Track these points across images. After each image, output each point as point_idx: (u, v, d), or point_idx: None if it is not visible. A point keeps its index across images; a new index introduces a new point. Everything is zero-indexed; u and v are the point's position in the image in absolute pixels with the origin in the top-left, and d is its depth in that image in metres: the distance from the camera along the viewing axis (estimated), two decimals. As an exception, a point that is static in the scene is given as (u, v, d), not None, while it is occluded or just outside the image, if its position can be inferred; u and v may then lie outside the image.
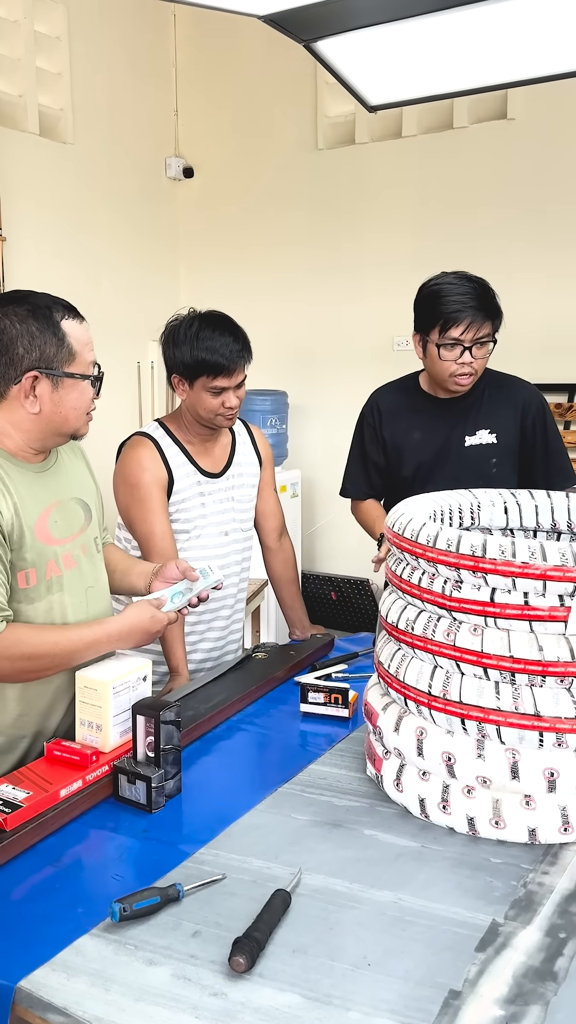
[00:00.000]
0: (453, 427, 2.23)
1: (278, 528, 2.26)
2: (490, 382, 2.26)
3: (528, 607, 1.21)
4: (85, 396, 1.50)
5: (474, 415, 2.22)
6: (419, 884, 1.19)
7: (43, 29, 4.13)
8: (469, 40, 1.75)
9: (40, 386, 1.44)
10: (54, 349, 1.43)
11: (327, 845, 1.28)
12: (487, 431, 2.22)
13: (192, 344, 1.91)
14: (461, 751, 1.27)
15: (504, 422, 2.22)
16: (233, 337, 1.93)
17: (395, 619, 1.37)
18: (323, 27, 1.71)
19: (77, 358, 1.47)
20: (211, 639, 2.11)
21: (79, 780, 1.38)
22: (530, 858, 1.25)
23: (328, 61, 1.87)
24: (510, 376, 2.30)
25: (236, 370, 1.93)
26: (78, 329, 1.48)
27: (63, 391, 1.46)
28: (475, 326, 2.05)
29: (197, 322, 1.94)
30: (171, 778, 1.41)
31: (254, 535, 2.21)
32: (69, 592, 1.53)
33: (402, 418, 2.27)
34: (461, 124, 4.13)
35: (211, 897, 1.16)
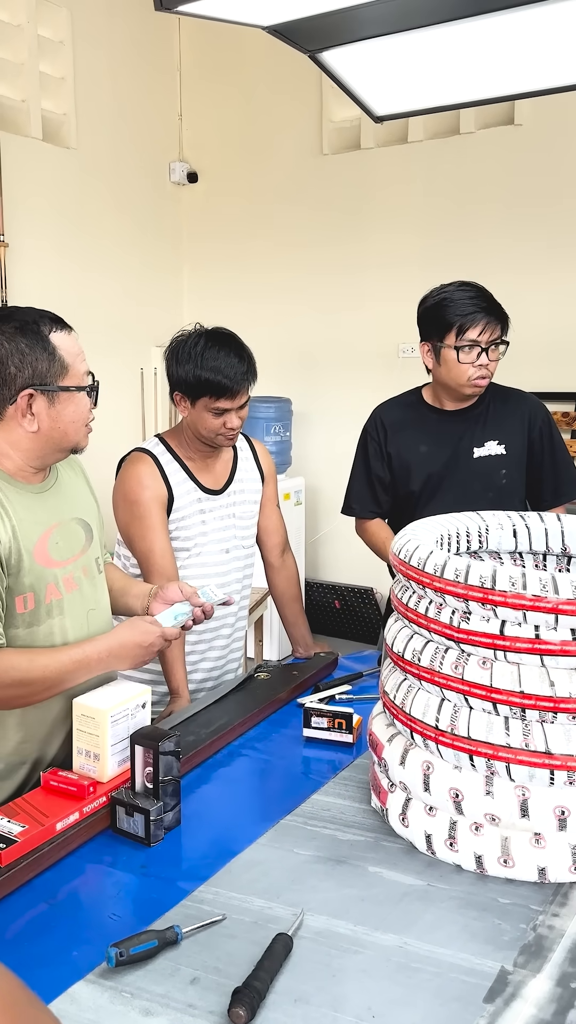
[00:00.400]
0: (461, 439, 2.21)
1: (281, 544, 2.23)
2: (495, 394, 2.25)
3: (539, 641, 1.17)
4: (82, 408, 1.46)
5: (481, 427, 2.21)
6: (425, 926, 1.15)
7: (46, 33, 4.10)
8: (475, 51, 1.72)
9: (36, 403, 1.41)
10: (46, 364, 1.40)
11: (330, 883, 1.25)
12: (495, 442, 2.20)
13: (196, 362, 1.87)
14: (469, 788, 1.24)
15: (512, 433, 2.21)
16: (239, 358, 1.89)
17: (401, 649, 1.33)
18: (328, 38, 1.68)
19: (70, 370, 1.44)
20: (212, 659, 2.07)
21: (76, 812, 1.34)
22: (539, 898, 1.21)
23: (334, 72, 1.84)
24: (513, 389, 2.30)
25: (240, 392, 1.90)
26: (68, 341, 1.45)
27: (60, 406, 1.43)
28: (490, 327, 2.08)
29: (203, 340, 1.90)
30: (170, 810, 1.38)
31: (256, 552, 2.18)
32: (70, 615, 1.49)
33: (408, 432, 2.25)
34: (468, 130, 4.09)
35: (211, 939, 1.13)
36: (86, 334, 4.70)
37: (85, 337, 4.81)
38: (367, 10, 1.55)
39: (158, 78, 4.80)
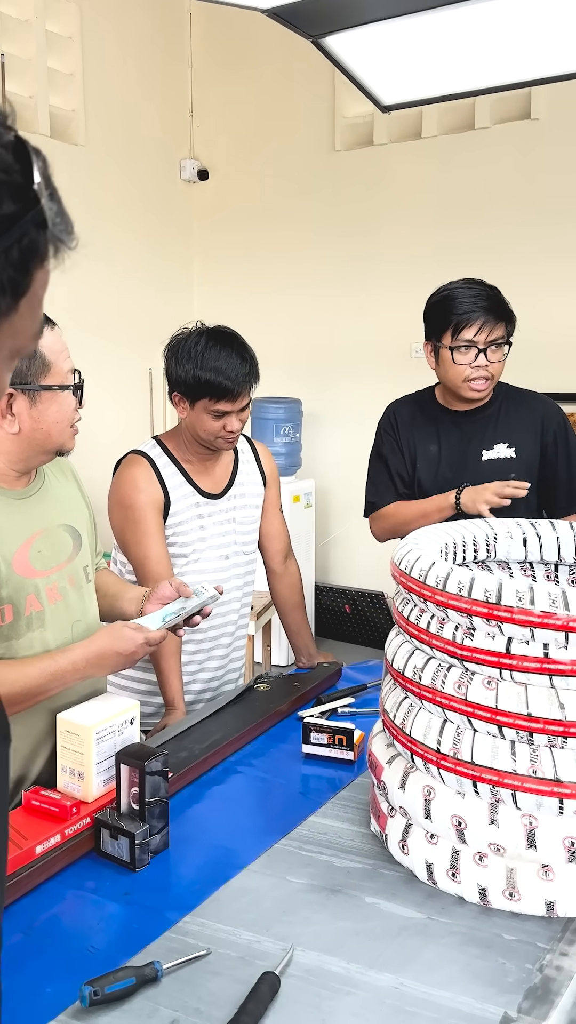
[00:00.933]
0: (470, 440, 2.13)
1: (283, 550, 2.15)
2: (507, 396, 2.17)
3: (548, 660, 1.09)
4: (66, 408, 1.39)
5: (492, 429, 2.13)
6: (423, 965, 1.07)
7: (55, 29, 4.05)
8: (485, 35, 1.63)
9: (17, 403, 1.34)
10: (26, 362, 1.33)
11: (323, 915, 1.17)
12: (505, 445, 2.12)
13: (196, 362, 1.80)
14: (472, 815, 1.16)
15: (523, 436, 2.12)
16: (241, 359, 1.82)
17: (401, 665, 1.25)
18: (331, 21, 1.61)
19: (52, 368, 1.37)
20: (211, 668, 2.00)
21: (57, 835, 1.27)
22: (547, 935, 1.13)
23: (339, 59, 1.76)
24: (527, 390, 2.21)
25: (241, 394, 1.82)
26: (50, 338, 1.38)
27: (42, 405, 1.36)
28: (488, 327, 1.98)
29: (204, 339, 1.83)
30: (157, 833, 1.31)
31: (257, 558, 2.10)
32: (52, 628, 1.42)
33: (419, 430, 2.18)
34: (483, 124, 4.01)
35: (193, 976, 1.05)
36: (94, 334, 4.68)
37: (93, 337, 4.79)
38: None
39: (169, 74, 4.74)
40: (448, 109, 4.08)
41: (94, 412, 4.13)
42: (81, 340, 4.16)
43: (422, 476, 2.15)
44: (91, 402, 4.62)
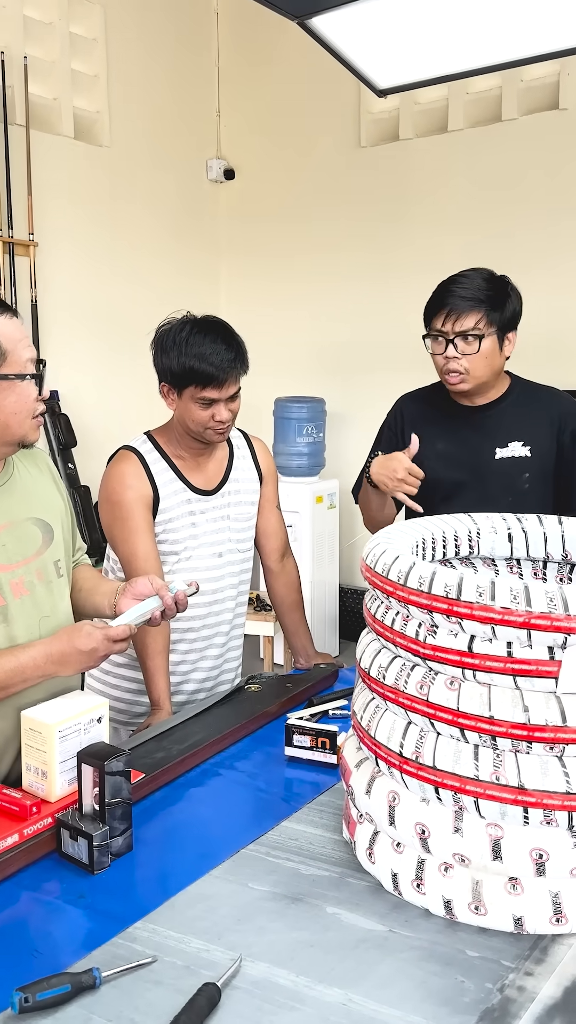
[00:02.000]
0: (482, 439, 2.03)
1: (280, 548, 2.10)
2: (522, 390, 2.07)
3: (512, 659, 1.03)
4: (25, 398, 1.36)
5: (506, 426, 2.03)
6: (377, 980, 1.02)
7: (79, 31, 4.06)
8: (479, 12, 1.57)
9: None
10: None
11: (280, 924, 1.12)
12: (520, 443, 2.02)
13: (181, 350, 1.77)
14: (436, 823, 1.09)
15: (539, 434, 2.02)
16: (226, 345, 1.78)
17: (368, 664, 1.20)
18: (316, 1, 1.56)
19: (9, 357, 1.34)
20: (204, 668, 1.96)
21: (15, 834, 1.24)
22: (514, 952, 1.06)
23: (328, 41, 1.72)
24: (543, 385, 2.10)
25: (227, 381, 1.78)
26: (9, 326, 1.35)
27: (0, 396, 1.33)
28: (454, 316, 1.89)
29: (188, 327, 1.80)
30: (119, 835, 1.27)
31: (252, 556, 2.06)
32: (17, 624, 1.39)
33: (426, 427, 2.08)
34: (510, 116, 3.91)
35: (133, 985, 1.01)
36: (121, 335, 4.68)
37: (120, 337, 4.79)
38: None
39: (195, 74, 4.73)
40: (474, 101, 3.99)
41: (119, 410, 4.16)
42: (108, 340, 4.20)
43: (431, 475, 2.07)
44: (116, 401, 4.66)
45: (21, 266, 3.76)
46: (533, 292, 3.86)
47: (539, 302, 3.84)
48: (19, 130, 3.75)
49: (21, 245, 3.75)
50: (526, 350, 3.99)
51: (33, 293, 3.78)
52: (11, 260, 3.70)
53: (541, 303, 3.85)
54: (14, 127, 3.72)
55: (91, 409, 4.07)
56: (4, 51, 3.69)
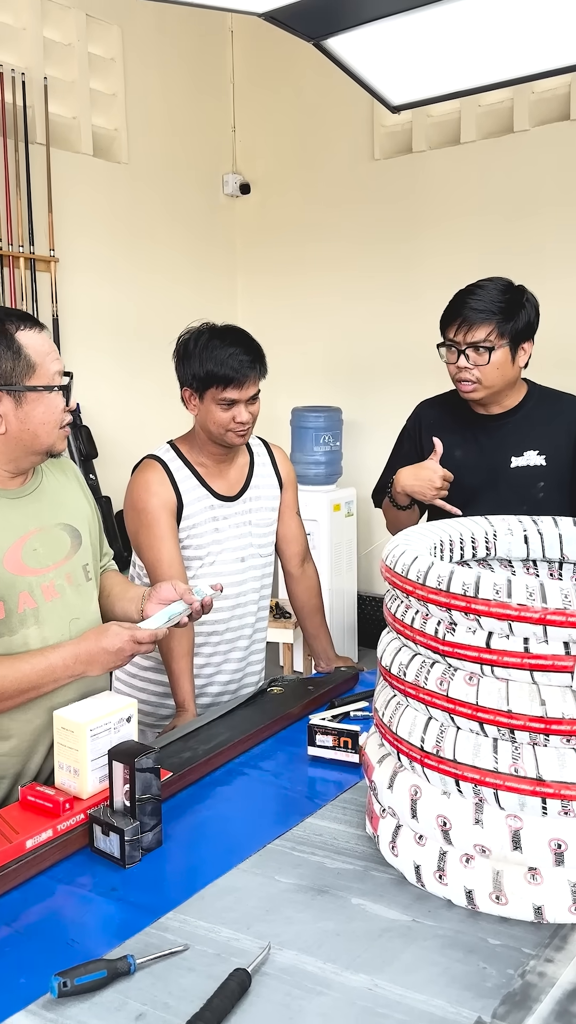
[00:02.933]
0: (498, 447, 2.06)
1: (301, 553, 2.14)
2: (541, 399, 2.09)
3: (528, 655, 1.06)
4: (53, 409, 1.42)
5: (522, 435, 2.05)
6: (401, 967, 1.05)
7: (97, 51, 4.15)
8: (490, 29, 1.62)
9: (3, 404, 1.37)
10: (11, 364, 1.36)
11: (307, 915, 1.16)
12: (536, 452, 2.04)
13: (202, 355, 1.84)
14: (457, 815, 1.13)
15: (555, 443, 2.03)
16: (245, 347, 1.85)
17: (388, 662, 1.23)
18: (331, 23, 1.61)
19: (38, 370, 1.39)
20: (228, 671, 2.00)
21: (49, 830, 1.29)
22: (534, 941, 1.09)
23: (343, 60, 1.77)
24: (563, 393, 2.12)
25: (247, 382, 1.84)
26: (37, 339, 1.40)
27: (28, 407, 1.39)
28: (466, 327, 1.93)
29: (208, 334, 1.86)
30: (148, 830, 1.31)
31: (274, 561, 2.10)
32: (48, 625, 1.44)
33: (443, 434, 2.11)
34: (522, 127, 3.96)
35: (167, 972, 1.05)
36: (140, 347, 4.75)
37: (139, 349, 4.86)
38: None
39: (210, 91, 4.81)
40: (486, 113, 4.04)
41: (139, 422, 4.22)
42: (127, 353, 4.27)
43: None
44: (136, 412, 4.72)
45: (43, 282, 3.84)
46: (547, 302, 3.90)
47: (553, 311, 3.87)
48: (40, 149, 3.83)
49: (43, 261, 3.83)
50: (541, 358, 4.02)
51: (55, 308, 3.86)
52: (33, 276, 3.77)
53: (556, 312, 3.89)
54: (35, 146, 3.81)
55: (111, 421, 4.13)
56: (25, 72, 3.78)
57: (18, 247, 3.74)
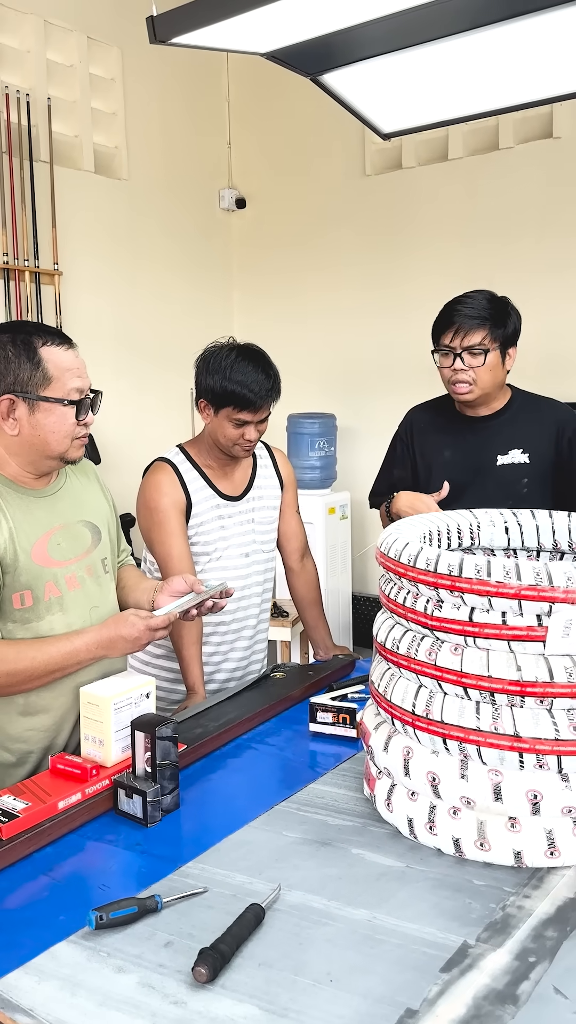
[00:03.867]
0: (485, 446, 2.21)
1: (300, 549, 2.29)
2: (524, 402, 2.25)
3: (506, 627, 1.21)
4: (63, 420, 1.53)
5: (507, 435, 2.21)
6: (397, 903, 1.19)
7: (98, 72, 4.30)
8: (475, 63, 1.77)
9: (18, 409, 1.50)
10: (28, 373, 1.49)
11: (312, 863, 1.30)
12: (520, 451, 2.20)
13: (225, 374, 1.96)
14: (445, 771, 1.27)
15: (538, 442, 2.20)
16: (266, 375, 1.98)
17: (383, 638, 1.38)
18: (327, 60, 1.76)
19: (54, 383, 1.52)
20: (234, 659, 2.14)
21: (78, 793, 1.43)
22: (514, 881, 1.23)
23: (337, 94, 1.92)
24: (544, 397, 2.29)
25: (262, 407, 1.98)
26: (62, 356, 1.53)
27: (40, 415, 1.52)
28: (462, 332, 2.08)
29: (234, 353, 1.99)
30: (168, 793, 1.45)
31: (276, 557, 2.24)
32: (71, 612, 1.58)
33: (434, 436, 2.28)
34: (507, 144, 4.13)
35: (189, 909, 1.19)
36: (139, 357, 4.89)
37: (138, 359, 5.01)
38: (363, 31, 1.62)
39: (207, 109, 4.97)
40: (473, 131, 4.21)
41: (140, 429, 4.36)
42: (128, 363, 4.43)
43: (438, 477, 2.26)
44: (137, 419, 4.86)
45: (47, 295, 3.98)
46: (530, 310, 4.06)
47: (537, 320, 4.04)
48: (43, 166, 3.98)
49: (47, 275, 3.97)
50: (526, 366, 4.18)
51: (58, 320, 4.00)
52: (38, 289, 3.92)
53: (539, 321, 4.06)
54: (39, 163, 3.96)
55: (114, 428, 4.27)
56: (29, 93, 3.93)
57: (23, 261, 3.88)
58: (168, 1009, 1.00)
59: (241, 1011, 0.99)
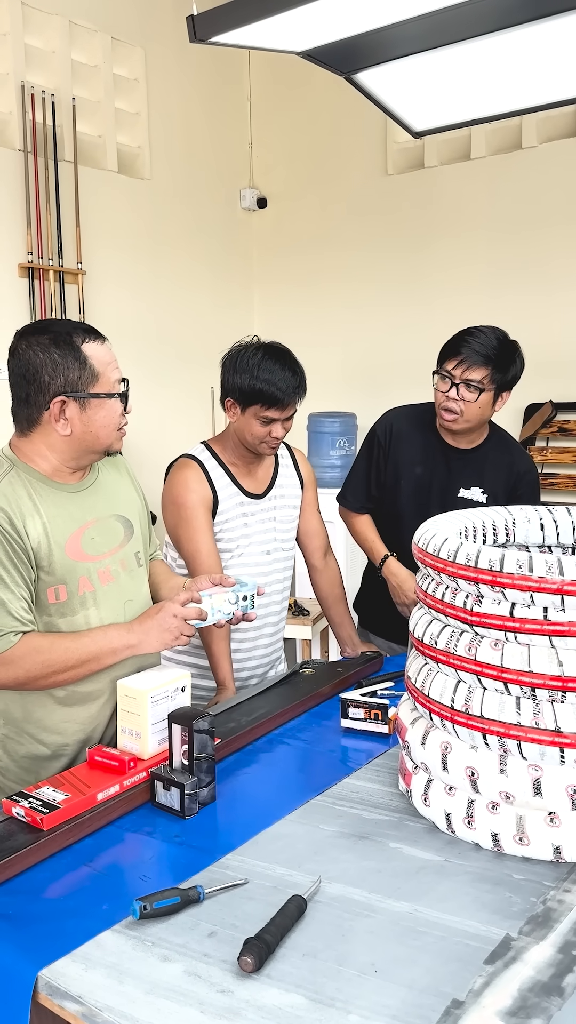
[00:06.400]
0: (453, 476, 2.29)
1: (323, 547, 2.31)
2: (497, 443, 2.34)
3: (547, 622, 1.21)
4: (113, 413, 1.57)
5: (473, 472, 2.29)
6: (437, 896, 1.20)
7: (122, 72, 4.32)
8: (507, 63, 1.77)
9: (69, 409, 1.52)
10: (77, 373, 1.51)
11: (351, 856, 1.30)
12: (480, 490, 2.30)
13: (253, 373, 1.97)
14: (484, 766, 1.28)
15: (497, 485, 2.30)
16: (292, 373, 2.00)
17: (421, 634, 1.38)
18: (362, 59, 1.77)
19: (101, 378, 1.54)
20: (257, 656, 2.16)
21: (116, 785, 1.44)
22: (554, 876, 1.24)
23: (371, 92, 1.93)
24: (514, 441, 2.39)
25: (289, 404, 2.00)
26: (100, 350, 1.56)
27: (91, 411, 1.54)
28: (465, 365, 2.14)
29: (261, 352, 2.00)
30: (205, 786, 1.46)
31: (296, 555, 2.26)
32: (104, 606, 1.59)
33: (410, 449, 2.33)
34: (530, 144, 4.12)
35: (231, 900, 1.20)
36: (162, 355, 4.91)
37: (161, 357, 5.03)
38: (398, 30, 1.63)
39: (229, 109, 4.98)
40: (495, 130, 4.20)
41: (161, 425, 4.38)
42: (151, 361, 4.44)
43: (404, 490, 2.33)
44: (159, 417, 4.88)
45: (71, 293, 4.01)
46: (554, 313, 4.06)
47: (561, 322, 4.03)
48: (68, 166, 4.00)
49: (71, 274, 4.00)
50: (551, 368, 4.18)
51: (82, 318, 4.02)
52: (62, 288, 3.94)
53: (562, 323, 4.05)
54: (63, 163, 3.98)
55: (136, 425, 4.27)
56: (55, 93, 3.95)
57: (48, 260, 3.90)
58: (215, 998, 1.01)
59: (288, 1000, 1.00)
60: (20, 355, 1.52)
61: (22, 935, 1.14)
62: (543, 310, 4.04)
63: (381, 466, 2.35)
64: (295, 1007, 0.99)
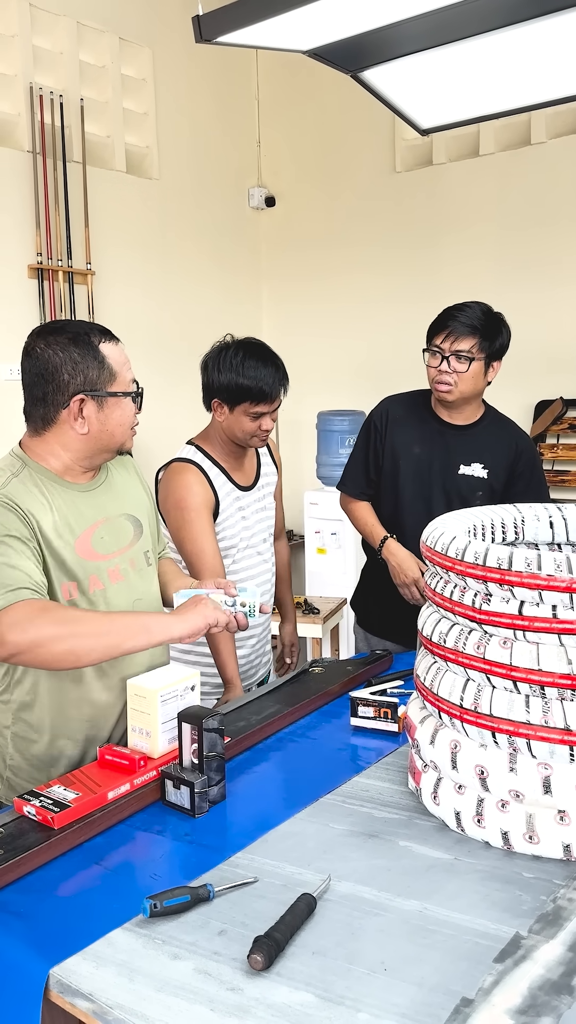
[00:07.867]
0: (451, 452, 2.32)
1: (281, 529, 2.42)
2: (493, 420, 2.38)
3: (556, 620, 1.21)
4: (128, 412, 1.59)
5: (472, 448, 2.32)
6: (447, 895, 1.20)
7: (130, 72, 4.33)
8: (514, 59, 1.77)
9: (87, 408, 1.53)
10: (96, 372, 1.53)
11: (360, 854, 1.30)
12: (481, 465, 2.32)
13: (238, 371, 2.02)
14: (493, 765, 1.27)
15: (497, 461, 2.32)
16: (275, 367, 2.06)
17: (429, 632, 1.38)
18: (368, 57, 1.77)
19: (118, 378, 1.57)
20: (249, 646, 2.19)
21: (127, 784, 1.44)
22: (564, 874, 1.23)
23: (377, 90, 1.93)
24: (509, 419, 2.42)
25: (276, 397, 2.07)
26: (115, 351, 1.58)
27: (108, 410, 1.55)
28: (453, 336, 2.20)
29: (241, 351, 2.04)
30: (215, 784, 1.46)
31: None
32: (115, 605, 1.60)
33: (407, 430, 2.38)
34: (539, 139, 4.10)
35: (241, 899, 1.20)
36: (171, 353, 4.92)
37: (170, 355, 5.03)
38: (404, 27, 1.63)
39: (236, 108, 4.99)
40: (504, 126, 4.19)
41: (171, 425, 4.38)
42: (160, 359, 4.46)
43: (404, 471, 2.35)
44: (169, 416, 4.89)
45: (80, 294, 4.02)
46: (562, 309, 4.04)
47: (572, 318, 4.02)
48: (76, 167, 4.02)
49: (80, 274, 4.01)
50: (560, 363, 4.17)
51: (92, 318, 4.03)
52: (71, 288, 3.95)
53: (574, 319, 4.03)
54: (72, 164, 3.99)
55: (145, 424, 4.28)
56: (63, 94, 3.97)
57: (57, 261, 3.91)
58: (225, 995, 1.01)
59: (298, 998, 1.00)
60: (38, 355, 1.53)
61: (34, 933, 1.15)
62: (553, 306, 4.03)
63: (379, 451, 2.38)
64: (305, 1005, 0.99)
